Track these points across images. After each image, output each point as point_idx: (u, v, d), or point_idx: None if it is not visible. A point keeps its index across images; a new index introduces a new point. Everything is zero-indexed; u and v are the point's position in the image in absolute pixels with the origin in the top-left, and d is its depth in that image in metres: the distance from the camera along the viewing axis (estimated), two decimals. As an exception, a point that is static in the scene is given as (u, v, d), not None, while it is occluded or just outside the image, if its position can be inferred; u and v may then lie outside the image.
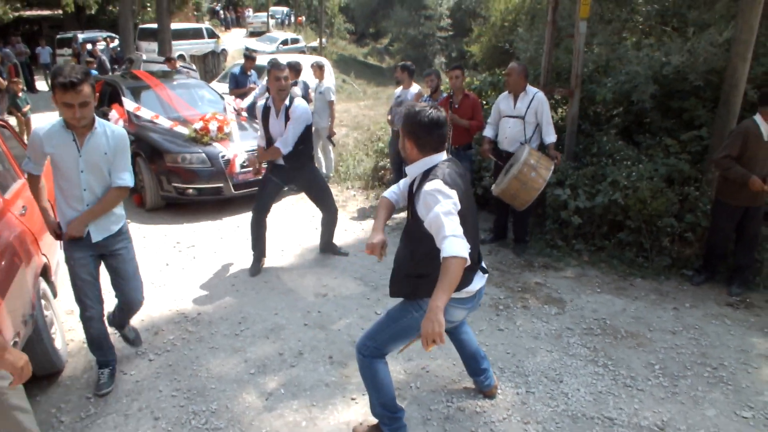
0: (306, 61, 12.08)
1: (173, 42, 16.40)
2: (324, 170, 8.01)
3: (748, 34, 4.94)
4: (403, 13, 28.87)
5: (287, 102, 4.78)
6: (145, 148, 6.63)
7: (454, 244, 2.24)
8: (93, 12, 19.19)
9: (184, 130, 6.74)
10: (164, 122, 6.91)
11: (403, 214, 2.89)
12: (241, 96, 8.42)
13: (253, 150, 6.78)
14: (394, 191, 2.92)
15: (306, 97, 7.25)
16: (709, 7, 5.94)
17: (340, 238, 5.81)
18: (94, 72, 11.90)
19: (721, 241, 4.78)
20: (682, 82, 5.94)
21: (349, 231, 6.23)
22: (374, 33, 39.48)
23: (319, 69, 7.68)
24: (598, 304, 4.55)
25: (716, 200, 4.78)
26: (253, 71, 9.16)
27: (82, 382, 3.47)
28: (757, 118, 4.38)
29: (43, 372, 3.41)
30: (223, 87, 10.88)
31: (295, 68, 7.56)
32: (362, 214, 6.75)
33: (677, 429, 3.03)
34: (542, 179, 4.73)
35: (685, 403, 3.27)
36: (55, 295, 4.01)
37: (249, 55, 9.33)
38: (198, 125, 6.66)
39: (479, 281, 2.70)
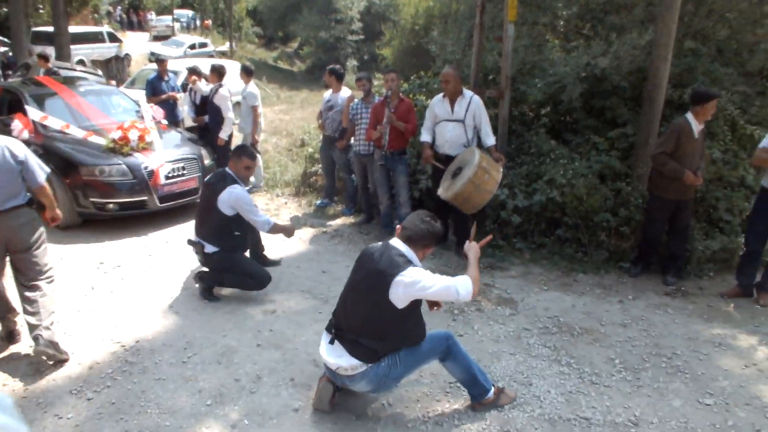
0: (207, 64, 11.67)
1: (71, 46, 15.20)
2: (253, 179, 7.67)
3: (667, 37, 5.23)
4: (312, 16, 28.52)
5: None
6: (56, 161, 6.01)
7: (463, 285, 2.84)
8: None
9: (100, 141, 6.20)
10: (77, 132, 6.32)
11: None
12: (160, 104, 7.88)
13: (179, 159, 6.38)
14: None
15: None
16: (627, 12, 6.25)
17: (277, 248, 5.57)
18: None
19: (656, 233, 5.02)
20: (604, 82, 6.21)
21: (285, 240, 5.95)
22: (283, 37, 38.82)
23: (246, 73, 7.33)
24: (548, 301, 4.63)
25: (650, 194, 5.02)
26: (171, 75, 8.61)
27: None
28: (689, 116, 4.64)
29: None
30: (135, 93, 10.21)
31: (219, 71, 7.20)
32: (297, 222, 6.51)
33: (650, 423, 3.11)
34: (495, 181, 4.75)
35: (651, 395, 3.37)
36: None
37: (160, 58, 8.76)
38: (116, 135, 6.15)
39: (324, 351, 3.04)
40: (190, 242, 4.58)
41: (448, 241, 5.83)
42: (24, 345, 3.85)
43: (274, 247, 5.61)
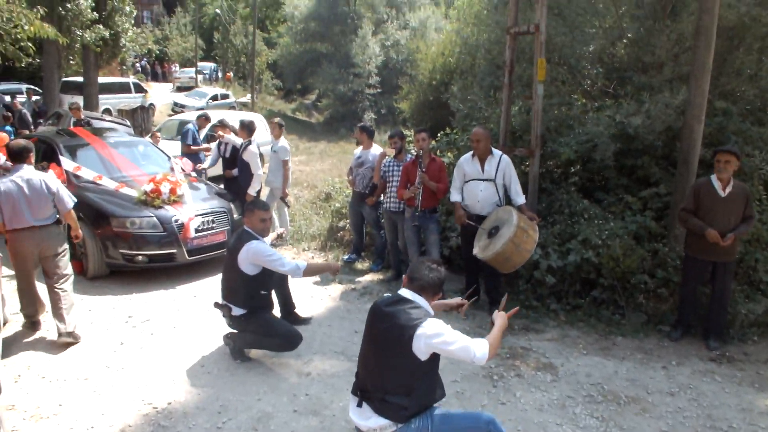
0: (237, 117, 11.88)
1: (99, 96, 15.66)
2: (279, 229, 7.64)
3: (700, 97, 5.25)
4: (331, 69, 29.29)
5: None
6: (88, 211, 6.05)
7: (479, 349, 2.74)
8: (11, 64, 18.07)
9: (132, 192, 6.25)
10: (109, 183, 6.39)
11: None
12: (191, 155, 8.00)
13: (209, 212, 6.41)
14: None
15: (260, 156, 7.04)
16: (656, 72, 6.32)
17: (306, 306, 5.49)
18: (8, 128, 10.99)
19: (690, 295, 4.90)
20: (635, 141, 6.22)
21: (315, 297, 5.90)
22: (301, 89, 39.81)
23: (278, 127, 7.43)
24: (589, 367, 4.48)
25: (685, 255, 4.94)
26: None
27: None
28: (713, 176, 4.66)
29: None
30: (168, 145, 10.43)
31: (249, 128, 7.28)
32: (325, 279, 6.43)
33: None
34: (533, 240, 4.70)
35: (712, 472, 3.19)
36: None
37: (205, 115, 8.99)
38: (148, 187, 6.20)
39: (353, 414, 2.97)
40: (216, 305, 4.48)
41: (481, 301, 5.72)
42: (54, 405, 3.75)
43: (303, 305, 5.54)
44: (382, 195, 6.29)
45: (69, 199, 4.73)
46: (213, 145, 7.77)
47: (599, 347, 4.85)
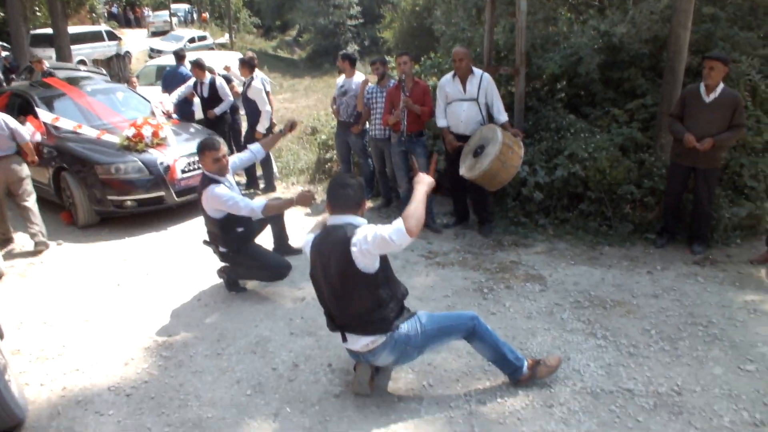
0: (217, 58, 11.56)
1: (72, 47, 15.14)
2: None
3: (687, 2, 5.13)
4: (310, 3, 28.28)
5: None
6: (71, 161, 6.01)
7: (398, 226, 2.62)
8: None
9: (113, 138, 6.18)
10: (89, 132, 6.30)
11: None
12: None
13: (194, 153, 6.34)
14: None
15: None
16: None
17: (300, 237, 5.53)
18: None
19: (673, 202, 4.96)
20: (621, 52, 6.11)
21: (308, 229, 5.92)
22: (281, 25, 38.55)
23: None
24: (576, 276, 4.59)
25: (670, 162, 4.96)
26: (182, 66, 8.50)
27: (52, 432, 3.04)
28: (702, 83, 4.62)
29: (3, 427, 2.96)
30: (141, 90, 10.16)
31: (250, 64, 6.97)
32: (316, 210, 6.48)
33: (692, 391, 3.07)
34: (519, 156, 4.72)
35: (691, 364, 3.33)
36: (1, 336, 3.51)
37: (180, 54, 8.66)
38: (130, 132, 6.12)
39: (345, 345, 3.04)
40: (205, 242, 4.54)
41: (470, 221, 5.79)
42: (58, 347, 3.86)
43: (298, 236, 5.59)
44: (367, 123, 6.24)
45: (25, 133, 5.47)
46: (189, 83, 7.55)
47: (587, 257, 4.96)
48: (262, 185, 7.32)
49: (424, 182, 2.78)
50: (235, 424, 3.01)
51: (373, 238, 2.64)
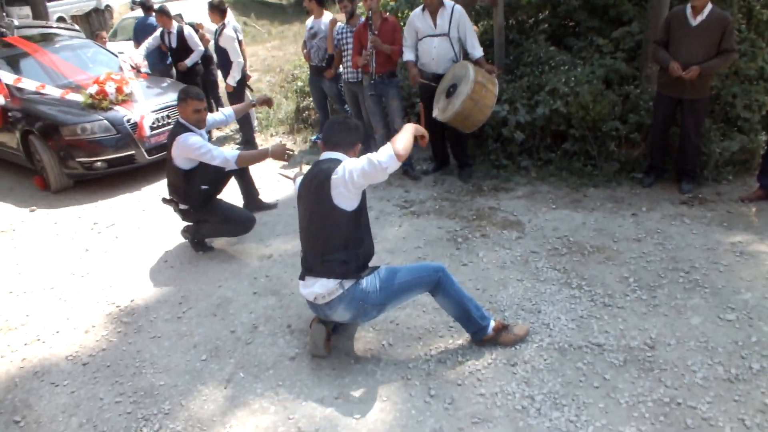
0: (195, 7, 11.02)
1: (48, 3, 14.58)
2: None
3: None
4: (300, -58, 27.05)
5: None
6: (36, 123, 5.79)
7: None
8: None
9: (78, 97, 5.92)
10: (53, 91, 6.03)
11: None
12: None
13: (163, 107, 6.10)
14: None
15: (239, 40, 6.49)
16: None
17: (273, 191, 5.38)
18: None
19: (659, 136, 4.68)
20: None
21: (282, 181, 5.74)
22: (273, -32, 37.03)
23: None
24: (556, 221, 4.38)
25: (656, 93, 4.65)
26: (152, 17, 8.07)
27: (6, 405, 2.96)
28: (689, 4, 4.22)
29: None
30: (119, 45, 9.78)
31: (219, 8, 6.47)
32: (292, 162, 6.24)
33: (667, 345, 2.89)
34: (493, 94, 4.44)
35: (668, 314, 3.14)
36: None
37: (146, 4, 8.17)
38: (93, 89, 5.86)
39: (301, 289, 2.91)
40: (164, 200, 4.37)
41: (450, 165, 5.55)
42: (22, 316, 3.76)
43: (270, 190, 5.42)
44: (340, 66, 5.90)
45: None
46: (156, 33, 7.18)
47: (569, 200, 4.73)
48: (239, 141, 7.03)
49: (409, 125, 2.75)
50: (187, 392, 2.91)
51: (358, 168, 2.57)
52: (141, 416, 2.78)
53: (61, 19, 15.22)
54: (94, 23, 14.01)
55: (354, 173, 2.57)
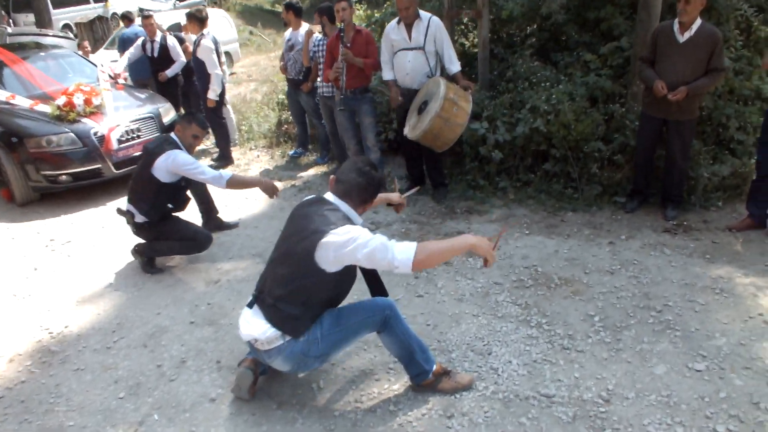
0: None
1: (54, 11, 14.64)
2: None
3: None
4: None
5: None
6: (2, 134, 5.61)
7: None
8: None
9: (46, 108, 5.74)
10: (23, 102, 5.87)
11: None
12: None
13: (133, 120, 5.91)
14: None
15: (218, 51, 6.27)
16: None
17: (238, 209, 5.13)
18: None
19: (643, 158, 4.38)
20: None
21: (250, 198, 5.49)
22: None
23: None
24: (527, 248, 4.07)
25: (641, 113, 4.35)
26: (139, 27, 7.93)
27: None
28: (677, 19, 3.91)
29: None
30: (114, 55, 9.65)
31: (198, 18, 6.21)
32: (267, 175, 6.01)
33: (624, 398, 2.56)
34: (465, 112, 4.19)
35: (631, 361, 2.81)
36: None
37: (127, 16, 8.04)
38: (61, 100, 5.68)
39: (241, 319, 2.60)
40: (119, 211, 4.18)
41: (427, 184, 5.26)
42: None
43: (236, 208, 5.18)
44: (317, 79, 5.67)
45: None
46: (138, 42, 7.03)
47: (545, 225, 4.42)
48: (215, 157, 6.77)
49: (469, 241, 2.23)
50: (94, 435, 2.64)
51: (366, 249, 2.18)
52: (37, 464, 2.52)
53: (66, 27, 15.26)
54: (97, 31, 13.97)
55: (358, 251, 2.19)
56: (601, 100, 4.88)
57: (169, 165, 3.85)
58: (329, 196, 2.49)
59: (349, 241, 2.21)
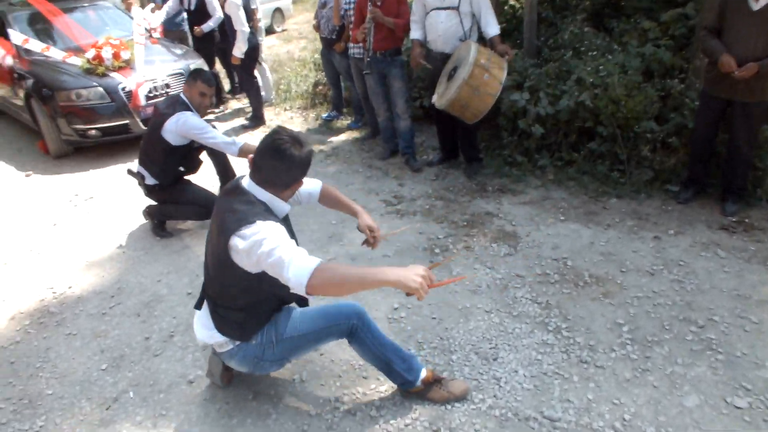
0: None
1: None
2: (263, 93, 6.88)
3: None
4: None
5: None
6: (35, 86, 5.60)
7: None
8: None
9: (77, 61, 5.67)
10: (56, 54, 5.81)
11: None
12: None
13: (169, 75, 5.78)
14: None
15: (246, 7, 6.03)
16: None
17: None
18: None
19: (701, 144, 3.84)
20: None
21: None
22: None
23: None
24: (560, 237, 3.67)
25: (702, 91, 3.80)
26: None
27: None
28: None
29: None
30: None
31: None
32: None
33: (642, 432, 2.18)
34: (498, 81, 3.77)
35: (657, 386, 2.40)
36: None
37: None
38: (90, 54, 5.59)
39: (195, 327, 2.35)
40: (130, 173, 4.07)
41: (459, 158, 4.88)
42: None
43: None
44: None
45: None
46: None
47: (584, 211, 3.99)
48: (248, 116, 6.57)
49: (391, 277, 1.77)
50: (68, 407, 2.55)
51: (271, 258, 1.81)
52: (11, 430, 2.43)
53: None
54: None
55: (262, 261, 1.84)
56: (658, 74, 4.32)
57: (179, 128, 3.71)
58: (246, 182, 2.06)
59: (255, 246, 1.85)
